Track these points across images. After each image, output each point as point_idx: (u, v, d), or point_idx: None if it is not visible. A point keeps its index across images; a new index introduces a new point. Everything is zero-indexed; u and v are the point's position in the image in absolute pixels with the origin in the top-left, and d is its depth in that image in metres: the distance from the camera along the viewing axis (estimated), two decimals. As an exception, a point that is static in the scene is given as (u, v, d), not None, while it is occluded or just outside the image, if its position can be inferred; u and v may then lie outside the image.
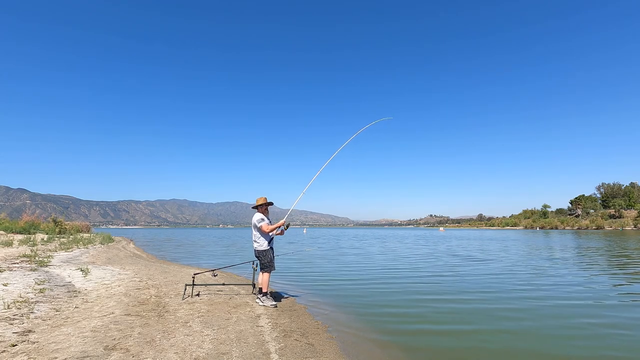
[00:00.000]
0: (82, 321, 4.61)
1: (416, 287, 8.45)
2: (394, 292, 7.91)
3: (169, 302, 5.90)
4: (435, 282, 9.15)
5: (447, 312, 6.18)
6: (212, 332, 4.38)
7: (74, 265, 9.83)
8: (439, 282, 9.14)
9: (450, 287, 8.52)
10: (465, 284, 8.85)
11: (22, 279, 7.20)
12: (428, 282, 9.26)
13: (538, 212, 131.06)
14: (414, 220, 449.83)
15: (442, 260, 14.93)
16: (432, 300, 7.02)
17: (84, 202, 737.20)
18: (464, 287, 8.44)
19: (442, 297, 7.41)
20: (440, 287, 8.54)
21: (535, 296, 7.42)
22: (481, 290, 8.13)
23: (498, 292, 7.84)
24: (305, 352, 3.90)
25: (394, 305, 6.59)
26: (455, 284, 8.95)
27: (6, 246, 14.08)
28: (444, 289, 8.21)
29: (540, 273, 10.78)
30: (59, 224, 25.82)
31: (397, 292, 7.84)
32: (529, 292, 7.81)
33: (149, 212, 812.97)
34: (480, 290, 8.13)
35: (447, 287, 8.45)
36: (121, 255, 15.38)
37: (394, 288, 8.35)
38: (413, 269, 11.87)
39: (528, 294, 7.69)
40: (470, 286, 8.58)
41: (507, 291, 7.97)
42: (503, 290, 8.11)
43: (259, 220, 6.08)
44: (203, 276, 8.09)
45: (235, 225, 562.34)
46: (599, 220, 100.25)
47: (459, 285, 8.77)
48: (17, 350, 3.54)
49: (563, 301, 6.96)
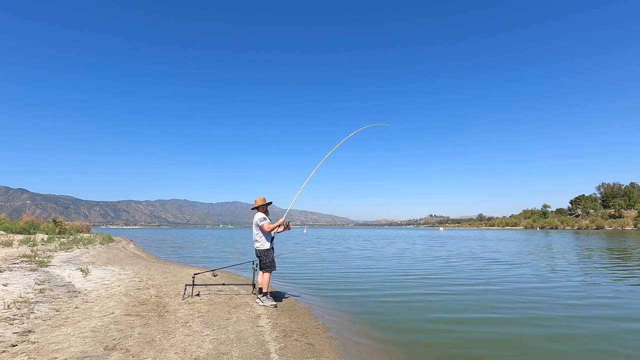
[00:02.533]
0: (82, 321, 4.61)
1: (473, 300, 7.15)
2: (449, 307, 6.63)
3: (169, 302, 5.90)
4: (479, 292, 7.89)
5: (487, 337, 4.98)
6: (212, 332, 4.38)
7: (74, 266, 9.82)
8: (483, 292, 7.87)
9: (499, 298, 7.23)
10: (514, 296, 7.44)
11: (22, 279, 7.19)
12: (474, 293, 7.79)
13: (538, 212, 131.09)
14: (414, 220, 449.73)
15: (467, 263, 13.78)
16: (472, 322, 5.56)
17: (84, 202, 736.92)
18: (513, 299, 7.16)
19: (490, 316, 5.97)
20: (488, 299, 7.20)
21: (609, 315, 5.93)
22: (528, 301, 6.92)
23: (554, 305, 6.56)
24: (305, 352, 3.90)
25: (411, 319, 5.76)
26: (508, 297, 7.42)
27: (6, 246, 14.07)
28: (495, 304, 6.81)
29: (587, 282, 9.18)
30: (59, 224, 25.77)
31: (448, 307, 6.58)
32: (597, 310, 6.31)
33: (149, 212, 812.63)
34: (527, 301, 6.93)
35: (497, 301, 6.99)
36: (121, 255, 15.37)
37: (456, 301, 7.06)
38: (456, 279, 9.73)
39: (598, 311, 6.22)
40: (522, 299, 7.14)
41: (566, 308, 6.41)
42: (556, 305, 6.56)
43: (260, 219, 6.07)
44: (203, 276, 8.09)
45: (236, 225, 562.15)
46: (599, 220, 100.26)
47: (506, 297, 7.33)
48: (17, 350, 3.54)
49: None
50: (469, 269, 11.92)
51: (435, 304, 6.80)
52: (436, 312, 6.18)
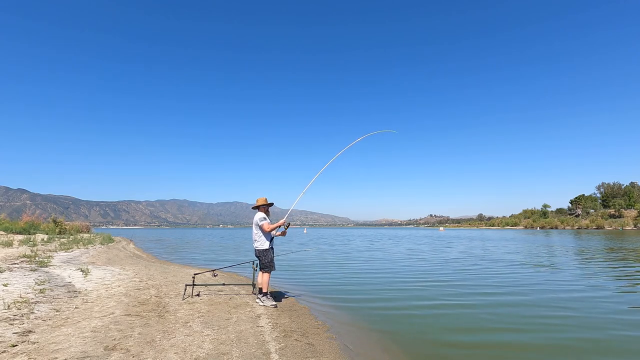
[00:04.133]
0: (82, 321, 4.61)
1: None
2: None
3: (169, 302, 5.90)
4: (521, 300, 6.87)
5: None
6: (212, 332, 4.38)
7: (74, 266, 9.82)
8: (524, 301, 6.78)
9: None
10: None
11: (22, 279, 7.19)
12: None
13: (538, 212, 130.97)
14: (414, 220, 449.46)
15: (486, 263, 12.60)
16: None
17: (84, 203, 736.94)
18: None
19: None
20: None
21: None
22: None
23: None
24: (306, 352, 3.90)
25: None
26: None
27: (6, 246, 14.06)
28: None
29: (626, 286, 8.48)
30: (59, 224, 25.76)
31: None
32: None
33: (149, 212, 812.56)
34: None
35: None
36: (121, 255, 15.37)
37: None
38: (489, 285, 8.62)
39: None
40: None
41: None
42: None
43: (260, 219, 6.07)
44: (203, 276, 8.09)
45: (236, 225, 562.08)
46: (599, 220, 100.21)
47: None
48: (17, 350, 3.53)
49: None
50: (488, 272, 10.71)
51: (454, 315, 5.93)
52: (452, 322, 5.50)
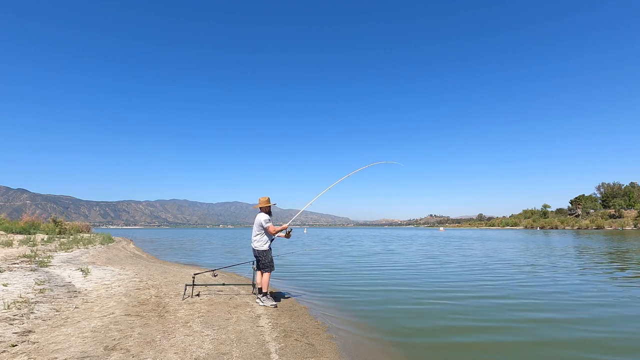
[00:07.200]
0: (82, 321, 4.61)
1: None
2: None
3: (169, 302, 5.90)
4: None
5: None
6: (212, 332, 4.38)
7: (74, 266, 9.82)
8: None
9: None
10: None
11: (22, 279, 7.19)
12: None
13: (538, 212, 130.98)
14: (414, 220, 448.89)
15: (498, 270, 11.31)
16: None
17: (84, 202, 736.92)
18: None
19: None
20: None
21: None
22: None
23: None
24: (306, 352, 3.90)
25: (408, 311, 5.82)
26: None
27: (6, 246, 14.06)
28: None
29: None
30: (59, 224, 25.76)
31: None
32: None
33: (149, 212, 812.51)
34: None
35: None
36: (121, 255, 15.36)
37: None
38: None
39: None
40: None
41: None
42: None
43: (266, 221, 6.02)
44: (203, 276, 8.09)
45: (236, 225, 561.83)
46: (599, 220, 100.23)
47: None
48: (17, 350, 3.53)
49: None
50: (502, 278, 9.69)
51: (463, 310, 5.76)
52: (454, 323, 5.34)
